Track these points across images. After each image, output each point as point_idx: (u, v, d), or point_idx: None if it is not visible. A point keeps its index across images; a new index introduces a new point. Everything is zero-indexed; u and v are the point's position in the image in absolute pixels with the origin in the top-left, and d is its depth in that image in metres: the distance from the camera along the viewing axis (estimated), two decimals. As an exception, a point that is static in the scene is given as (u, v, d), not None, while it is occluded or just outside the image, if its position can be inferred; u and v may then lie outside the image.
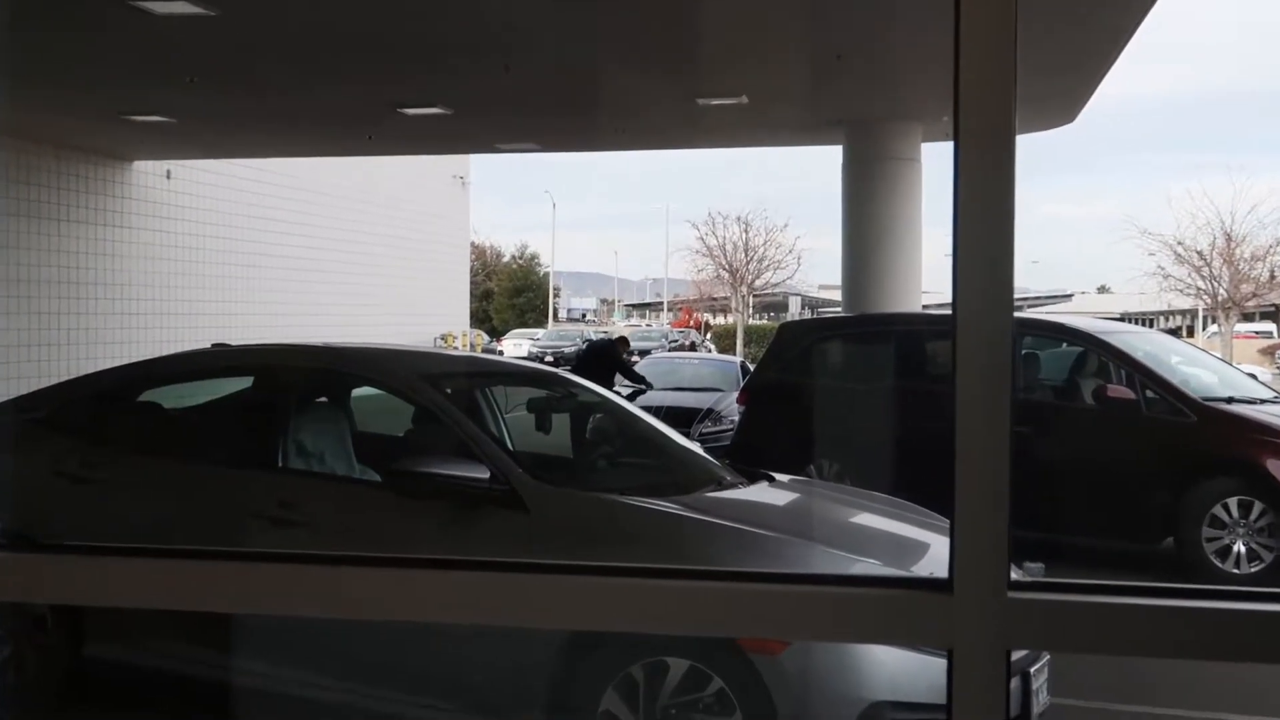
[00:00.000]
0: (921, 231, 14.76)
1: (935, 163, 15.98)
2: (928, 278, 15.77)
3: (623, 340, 13.98)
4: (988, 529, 1.26)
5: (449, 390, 5.16)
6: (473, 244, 56.49)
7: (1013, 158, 1.27)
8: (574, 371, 11.27)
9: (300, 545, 4.58)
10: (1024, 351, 9.04)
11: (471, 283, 47.19)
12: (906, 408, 8.82)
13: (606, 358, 13.03)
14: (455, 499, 4.43)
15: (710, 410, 13.14)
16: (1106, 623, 1.26)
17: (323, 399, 5.71)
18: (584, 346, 14.11)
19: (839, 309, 16.04)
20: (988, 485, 1.26)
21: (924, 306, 16.44)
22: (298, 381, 5.47)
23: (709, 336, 53.02)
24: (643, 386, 13.38)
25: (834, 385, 9.65)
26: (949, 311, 1.28)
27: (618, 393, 12.60)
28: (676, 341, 42.61)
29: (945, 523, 2.33)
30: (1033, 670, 4.15)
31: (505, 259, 69.15)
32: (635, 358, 16.42)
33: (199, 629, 4.51)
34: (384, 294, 28.65)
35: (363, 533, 4.58)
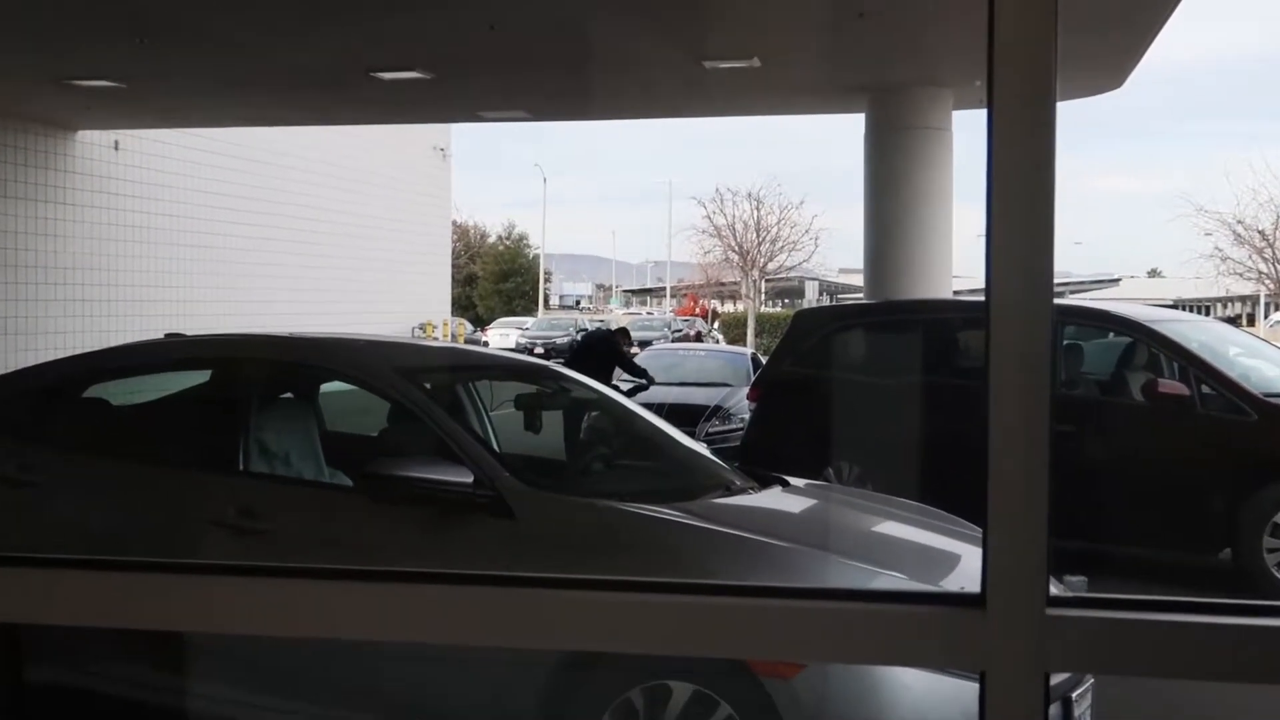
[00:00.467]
0: (952, 209, 14.77)
1: (967, 133, 16.00)
2: (959, 260, 15.79)
3: (623, 332, 13.99)
4: (1025, 539, 1.26)
5: (428, 385, 5.16)
6: (454, 223, 56.52)
7: (1053, 126, 1.27)
8: (568, 365, 11.26)
9: (262, 556, 4.58)
10: (1065, 342, 9.05)
11: (453, 266, 47.16)
12: (935, 405, 8.83)
13: (605, 351, 13.02)
14: (435, 505, 4.43)
15: (718, 408, 13.16)
16: (1156, 642, 1.26)
17: (288, 395, 5.71)
18: (579, 338, 14.12)
19: (860, 295, 16.03)
20: (1025, 490, 1.26)
21: (955, 292, 16.45)
22: (260, 376, 5.46)
23: (716, 326, 53.07)
24: (644, 382, 13.40)
25: (855, 380, 9.66)
26: (982, 298, 1.28)
27: (616, 388, 12.63)
28: (680, 331, 42.64)
29: (978, 532, 2.34)
30: (1074, 695, 4.16)
31: (491, 240, 69.14)
32: (635, 349, 16.45)
33: (155, 649, 4.52)
34: (357, 278, 28.64)
35: (332, 542, 4.59)
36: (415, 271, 31.98)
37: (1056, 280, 1.28)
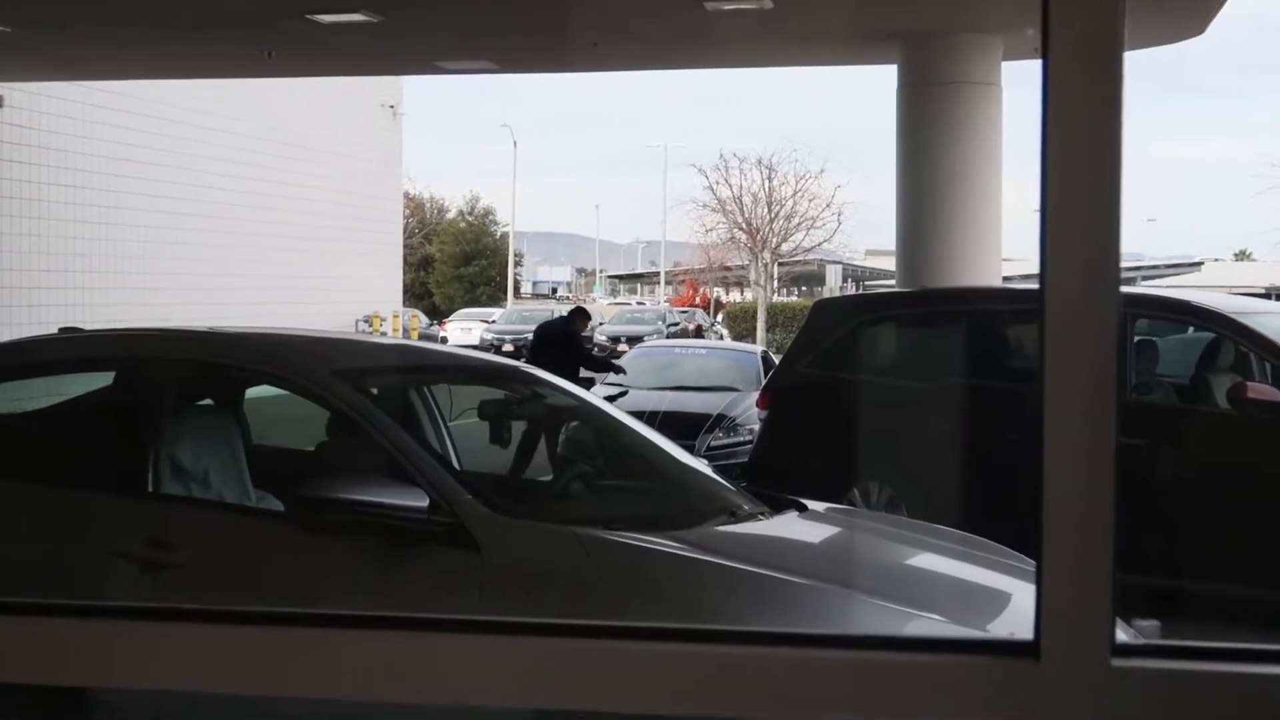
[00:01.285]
0: (1001, 180, 14.80)
1: (1019, 87, 16.02)
2: (1010, 241, 15.84)
3: (579, 313, 13.88)
4: (1086, 574, 1.26)
5: (375, 390, 5.16)
6: (407, 195, 56.50)
7: (1120, 82, 1.27)
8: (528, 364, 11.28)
9: (176, 596, 4.57)
10: (1136, 338, 9.07)
11: (406, 246, 47.02)
12: (982, 414, 8.83)
13: (559, 341, 12.99)
14: (384, 535, 4.43)
15: (722, 417, 13.17)
16: (1241, 697, 1.26)
17: (207, 401, 5.70)
18: (537, 332, 14.12)
19: (892, 282, 16.05)
20: (1086, 517, 1.26)
21: (1005, 279, 16.48)
22: (174, 378, 5.45)
23: (720, 318, 53.11)
24: (615, 376, 13.43)
25: (885, 384, 9.67)
26: (1036, 286, 1.28)
27: (591, 388, 12.62)
28: (677, 325, 42.60)
29: (1032, 566, 2.34)
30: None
31: (450, 215, 68.99)
32: (604, 341, 16.46)
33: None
34: (290, 261, 28.63)
35: (260, 579, 4.58)
36: (360, 253, 31.94)
37: (1125, 264, 1.28)
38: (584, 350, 13.65)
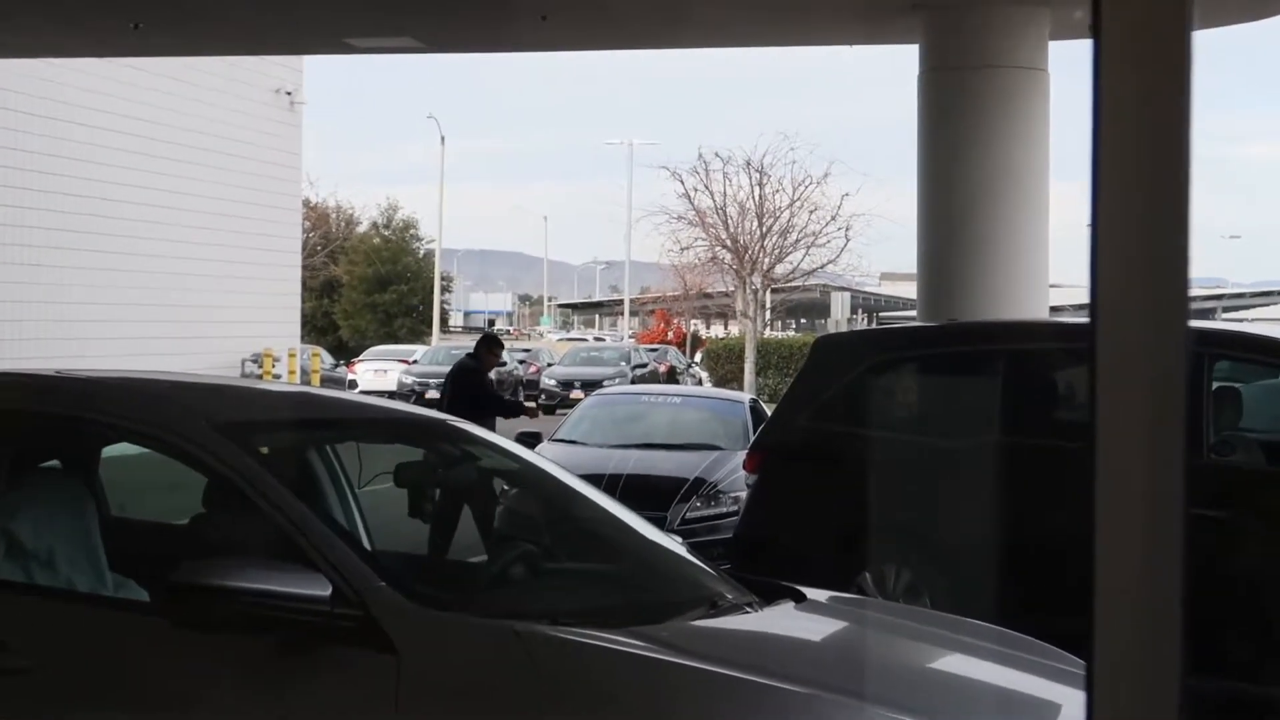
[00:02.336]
0: (1048, 189, 14.88)
1: (1069, 75, 16.14)
2: (1059, 263, 15.88)
3: (485, 344, 13.89)
4: (1149, 680, 1.26)
5: (265, 449, 5.14)
6: (308, 203, 56.52)
7: (1188, 66, 1.28)
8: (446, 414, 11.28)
9: (16, 708, 4.53)
10: (1215, 385, 9.12)
11: (306, 267, 46.89)
12: (1024, 481, 8.86)
13: (466, 382, 13.15)
14: (274, 633, 4.41)
15: (700, 482, 13.18)
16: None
17: (53, 463, 5.65)
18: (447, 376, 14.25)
19: (912, 315, 16.10)
20: (1149, 607, 1.26)
21: (1053, 310, 16.55)
22: (11, 434, 5.42)
23: (699, 358, 53.27)
24: (529, 421, 13.56)
25: (904, 443, 9.69)
26: (1087, 318, 1.28)
27: (531, 443, 12.59)
28: (645, 367, 42.70)
29: (1083, 670, 2.35)
30: None
31: (362, 228, 69.03)
32: (552, 386, 16.52)
33: None
34: (160, 285, 28.47)
35: (120, 687, 4.54)
36: (248, 275, 31.88)
37: (1200, 291, 1.29)
38: (489, 390, 13.69)
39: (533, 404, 13.78)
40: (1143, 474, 1.28)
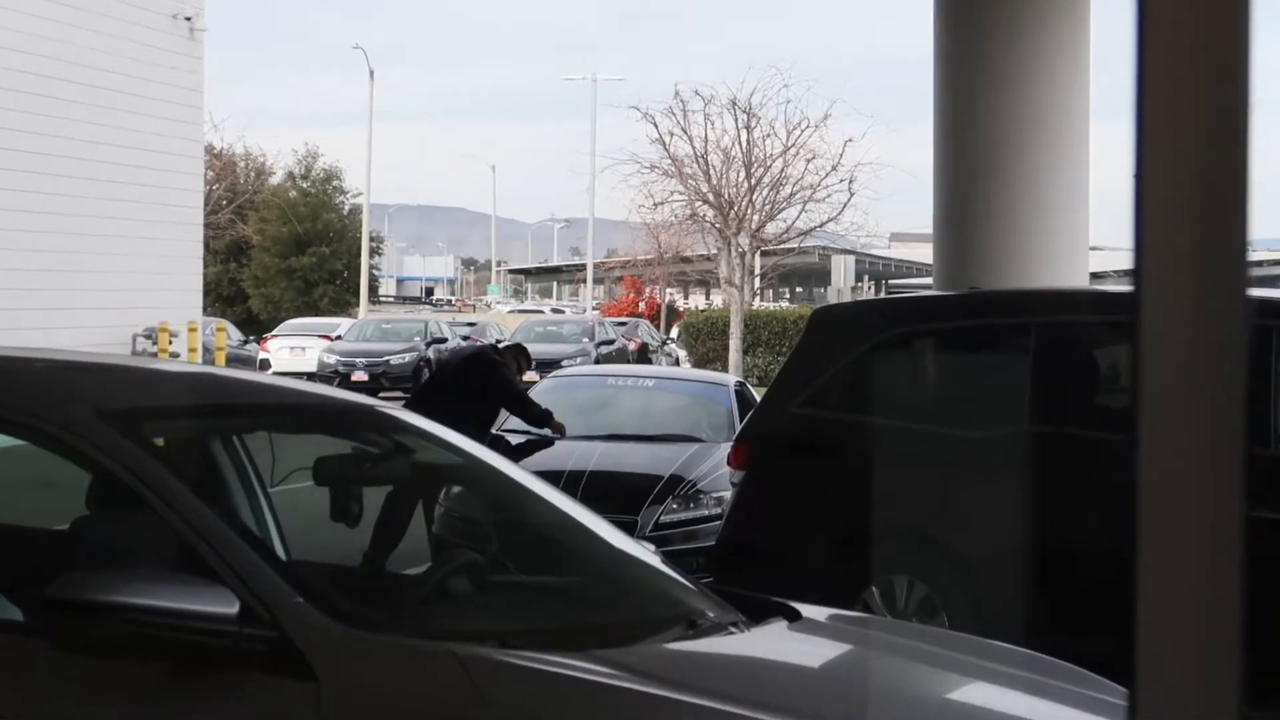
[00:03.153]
0: (1088, 129, 14.88)
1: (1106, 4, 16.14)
2: (1100, 220, 15.86)
3: (517, 351, 14.02)
4: (1201, 711, 1.27)
5: (160, 441, 5.13)
6: (210, 149, 56.10)
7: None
8: (419, 407, 11.20)
9: None
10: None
11: (209, 226, 46.43)
12: (1058, 477, 8.88)
13: (481, 378, 13.08)
14: (171, 657, 4.42)
15: (676, 481, 13.16)
16: None
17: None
18: (438, 359, 14.30)
19: (928, 281, 16.11)
20: (1200, 625, 1.26)
21: (1093, 277, 16.55)
22: None
23: (675, 334, 53.24)
24: (547, 434, 13.43)
25: (917, 433, 9.70)
26: (1130, 287, 1.28)
27: (503, 443, 12.55)
28: (612, 344, 42.63)
29: (1123, 698, 2.37)
30: None
31: (276, 179, 68.53)
32: (533, 376, 16.46)
33: None
34: (33, 248, 28.35)
35: (-14, 722, 4.54)
36: (140, 235, 31.73)
37: (1262, 254, 1.29)
38: (519, 395, 13.62)
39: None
40: (1194, 469, 1.29)
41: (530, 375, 16.54)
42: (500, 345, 14.38)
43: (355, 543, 6.09)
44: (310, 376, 35.31)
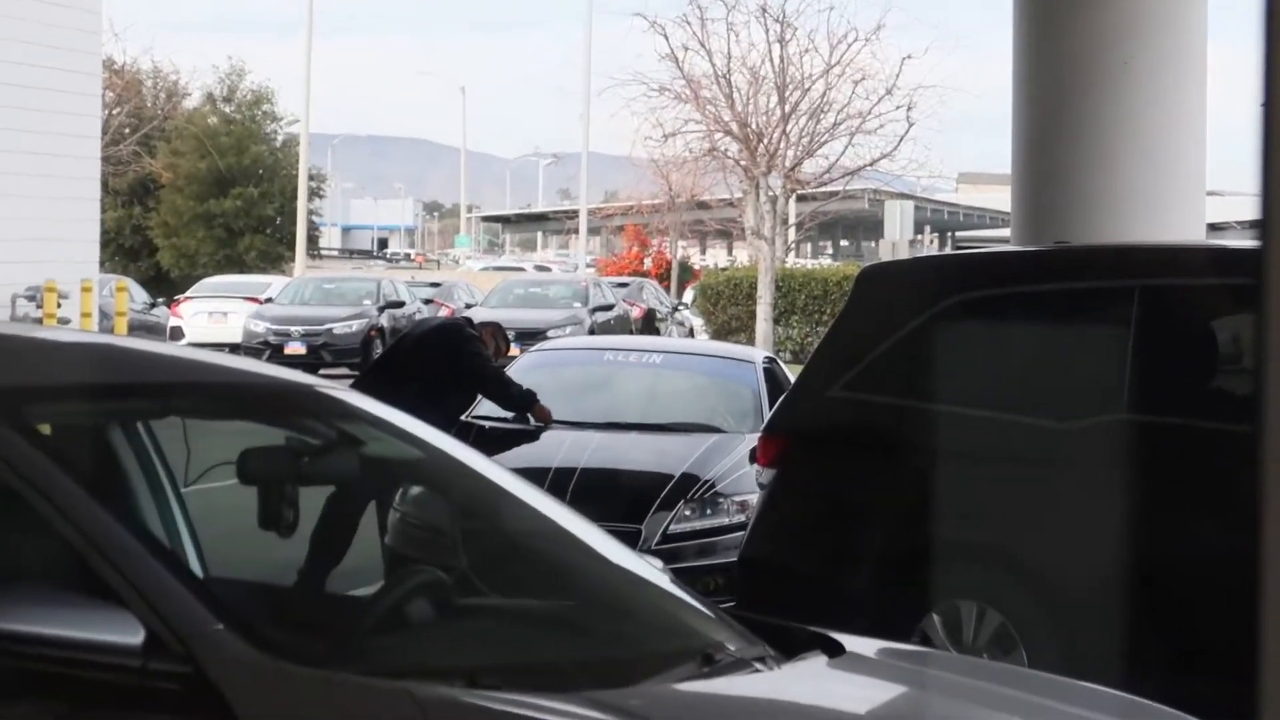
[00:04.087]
0: (1205, 46, 14.88)
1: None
2: (1218, 160, 15.87)
3: (495, 332, 14.04)
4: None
5: (46, 428, 5.13)
6: (110, 64, 56.02)
7: None
8: (372, 386, 11.20)
9: None
10: None
11: (107, 159, 46.33)
12: (1167, 478, 8.90)
13: (456, 349, 13.10)
14: (64, 697, 4.44)
15: (690, 481, 13.19)
16: None
17: None
18: (397, 331, 14.38)
19: (1005, 233, 16.12)
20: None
21: (1210, 229, 16.56)
22: None
23: (689, 298, 53.17)
24: (528, 422, 13.47)
25: (990, 422, 9.72)
26: (1255, 241, 1.28)
27: (474, 429, 12.53)
28: (611, 310, 42.46)
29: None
30: None
31: (191, 101, 68.46)
32: (514, 353, 16.49)
33: None
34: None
35: None
36: (20, 171, 31.79)
37: None
38: (495, 374, 13.66)
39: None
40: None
41: (511, 349, 16.51)
42: (477, 320, 14.36)
43: (289, 556, 6.09)
44: (234, 349, 35.32)
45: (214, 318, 40.57)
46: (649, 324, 44.71)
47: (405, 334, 14.87)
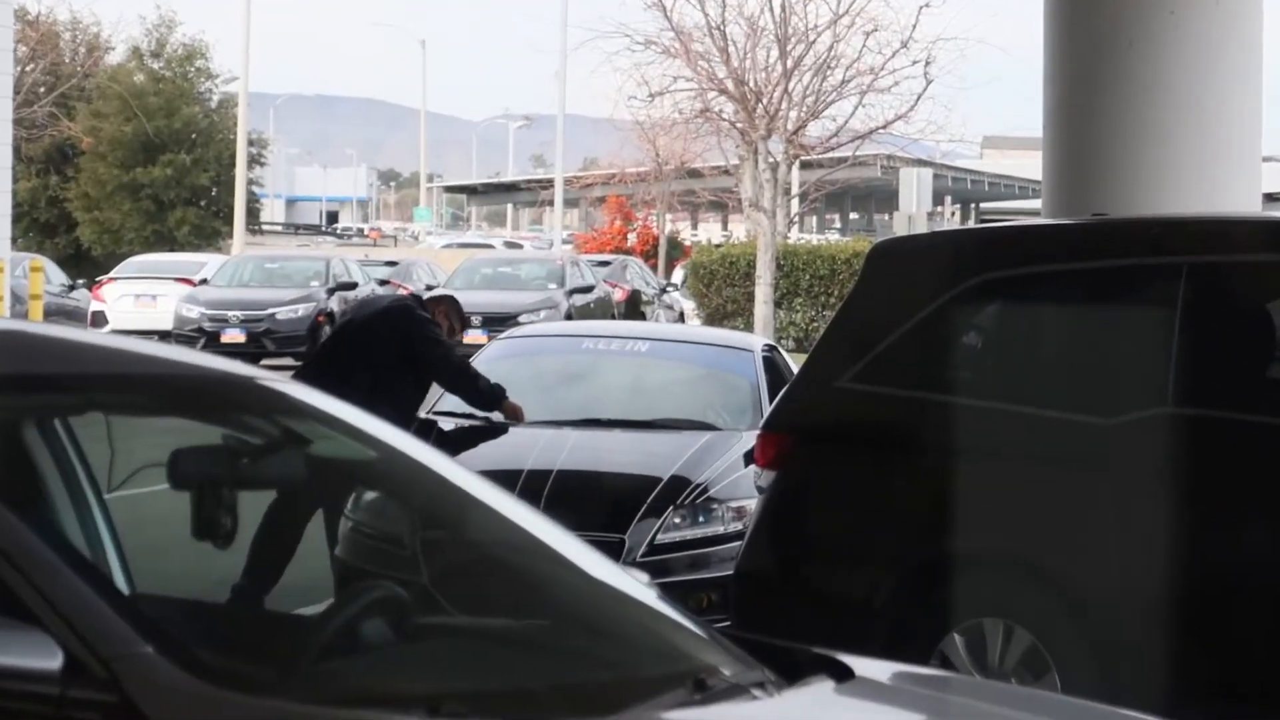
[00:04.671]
0: (1263, 7, 14.89)
1: None
2: (1274, 123, 15.87)
3: (449, 308, 13.99)
4: None
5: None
6: (22, 14, 55.91)
7: None
8: (312, 375, 11.19)
9: None
10: None
11: (19, 123, 46.16)
12: (1222, 481, 8.91)
13: (396, 337, 13.09)
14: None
15: (680, 484, 13.20)
16: None
17: None
18: (345, 310, 14.35)
19: (1035, 204, 16.12)
20: None
21: (1266, 200, 16.58)
22: None
23: (680, 278, 53.14)
24: (495, 419, 13.48)
25: (1016, 417, 9.73)
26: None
27: (434, 429, 12.52)
28: (590, 291, 42.39)
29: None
30: None
31: (115, 56, 68.30)
32: (479, 337, 16.50)
33: None
34: None
35: None
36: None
37: None
38: (449, 357, 13.62)
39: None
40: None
41: (475, 336, 16.54)
42: (427, 296, 14.31)
43: (227, 569, 6.09)
44: (164, 336, 35.27)
45: (141, 301, 40.49)
46: (634, 308, 44.74)
47: (350, 317, 14.83)
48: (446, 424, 13.69)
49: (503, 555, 5.94)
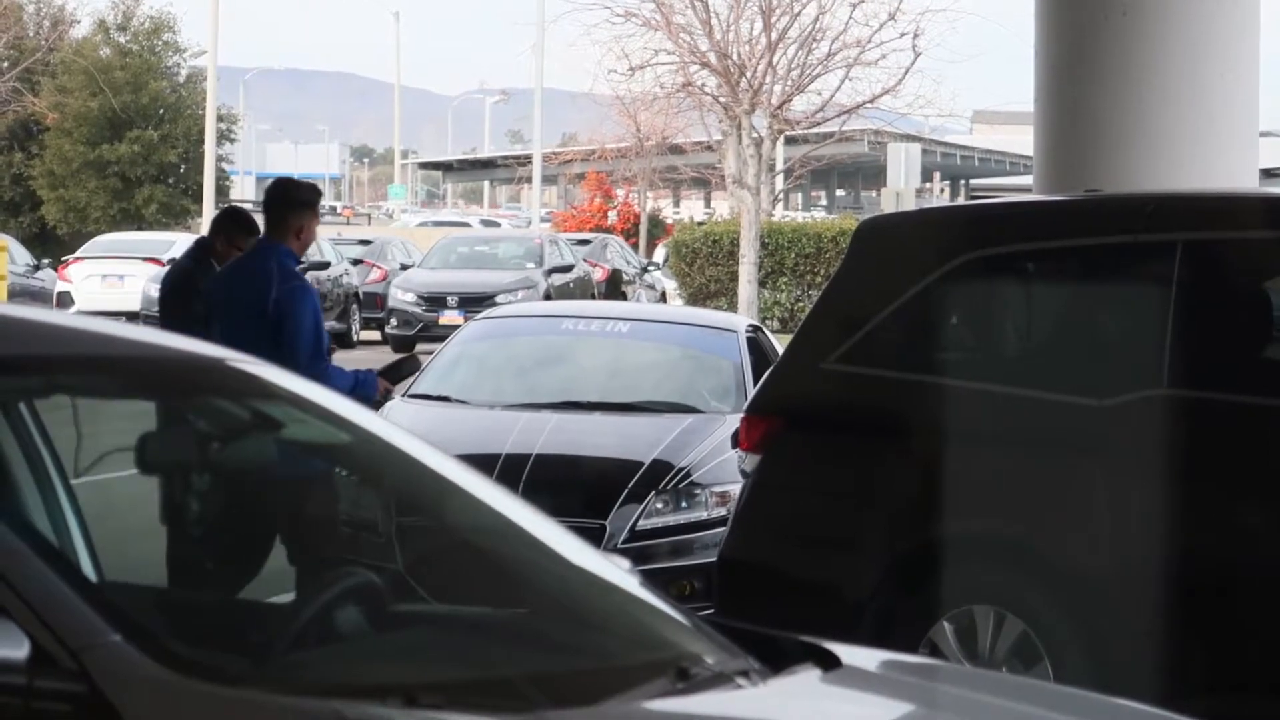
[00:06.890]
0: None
1: None
2: (1271, 97, 15.88)
3: (226, 220, 13.24)
4: None
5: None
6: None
7: None
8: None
9: None
10: None
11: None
12: (1216, 463, 8.91)
13: (186, 293, 12.79)
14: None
15: (662, 469, 13.20)
16: None
17: None
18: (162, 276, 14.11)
19: (1027, 181, 16.11)
20: None
21: (1264, 176, 16.58)
22: None
23: (661, 257, 53.12)
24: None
25: (1008, 398, 9.73)
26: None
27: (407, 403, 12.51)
28: (569, 271, 42.35)
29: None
30: None
31: (80, 30, 68.20)
32: (409, 305, 16.30)
33: None
34: None
35: None
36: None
37: None
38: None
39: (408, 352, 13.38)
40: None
41: (451, 317, 16.47)
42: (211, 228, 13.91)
43: (198, 558, 6.07)
44: (132, 317, 35.19)
45: (108, 281, 40.43)
46: (614, 287, 44.73)
47: (167, 275, 14.51)
48: (418, 407, 13.66)
49: (480, 541, 5.94)
